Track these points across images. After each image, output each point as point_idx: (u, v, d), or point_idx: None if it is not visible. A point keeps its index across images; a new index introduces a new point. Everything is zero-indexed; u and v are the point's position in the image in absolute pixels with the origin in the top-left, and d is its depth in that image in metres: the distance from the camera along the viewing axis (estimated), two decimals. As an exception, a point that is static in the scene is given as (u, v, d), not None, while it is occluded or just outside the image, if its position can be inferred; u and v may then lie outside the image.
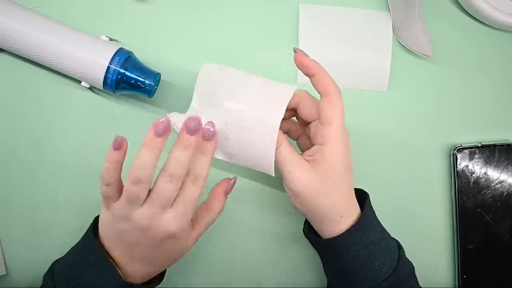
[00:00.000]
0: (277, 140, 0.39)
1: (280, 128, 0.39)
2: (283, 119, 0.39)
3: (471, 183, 0.53)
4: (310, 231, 0.44)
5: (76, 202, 0.51)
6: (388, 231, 0.54)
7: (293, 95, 0.40)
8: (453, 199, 0.53)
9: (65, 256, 0.42)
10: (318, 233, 0.43)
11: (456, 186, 0.52)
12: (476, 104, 0.55)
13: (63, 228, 0.51)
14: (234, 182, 0.42)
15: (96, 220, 0.42)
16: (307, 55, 0.41)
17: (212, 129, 0.37)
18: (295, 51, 0.41)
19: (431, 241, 0.54)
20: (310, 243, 0.45)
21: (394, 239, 0.44)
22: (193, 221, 0.41)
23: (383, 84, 0.53)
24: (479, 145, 0.53)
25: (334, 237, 0.40)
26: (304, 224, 0.46)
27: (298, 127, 0.46)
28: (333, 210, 0.40)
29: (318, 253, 0.45)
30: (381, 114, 0.54)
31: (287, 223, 0.52)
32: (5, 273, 0.50)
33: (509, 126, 0.55)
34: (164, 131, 0.35)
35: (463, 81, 0.55)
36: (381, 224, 0.44)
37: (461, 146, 0.53)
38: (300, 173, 0.39)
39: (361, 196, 0.44)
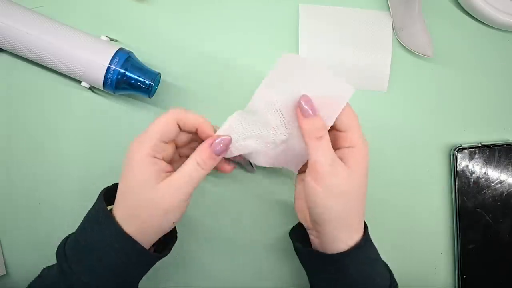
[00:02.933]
0: (324, 127, 0.38)
1: None
2: None
3: (471, 183, 0.53)
4: (305, 246, 0.42)
5: (76, 202, 0.51)
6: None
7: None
8: (453, 199, 0.53)
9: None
10: (318, 247, 0.41)
11: (456, 186, 0.53)
12: (476, 104, 0.55)
13: (63, 228, 0.50)
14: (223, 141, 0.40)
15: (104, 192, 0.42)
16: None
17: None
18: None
19: (431, 241, 0.54)
20: (305, 260, 0.43)
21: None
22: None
23: (383, 84, 0.53)
24: (479, 145, 0.53)
25: (347, 251, 0.38)
26: (294, 241, 0.44)
27: None
28: (353, 217, 0.38)
29: (312, 269, 0.42)
30: (381, 114, 0.54)
31: (288, 223, 0.52)
32: (5, 273, 0.50)
33: (509, 126, 0.55)
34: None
35: (463, 81, 0.55)
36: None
37: (461, 146, 0.53)
38: (340, 168, 0.37)
39: None
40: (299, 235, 0.43)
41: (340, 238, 0.38)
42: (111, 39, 0.49)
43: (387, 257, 0.53)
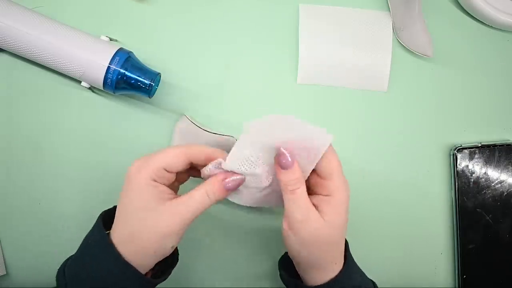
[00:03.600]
0: (299, 180, 0.38)
1: None
2: None
3: (471, 183, 0.53)
4: (290, 276, 0.43)
5: (76, 202, 0.51)
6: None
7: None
8: (453, 199, 0.53)
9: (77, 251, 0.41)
10: (301, 278, 0.42)
11: (456, 186, 0.52)
12: (476, 104, 0.55)
13: (63, 227, 0.51)
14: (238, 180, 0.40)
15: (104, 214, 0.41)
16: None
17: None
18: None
19: (431, 241, 0.54)
20: (289, 286, 0.43)
21: (371, 280, 0.44)
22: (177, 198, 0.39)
23: (383, 84, 0.53)
24: (479, 145, 0.53)
25: (324, 284, 0.39)
26: (280, 269, 0.45)
27: None
28: (332, 259, 0.40)
29: None
30: (381, 114, 0.54)
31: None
32: (5, 273, 0.50)
33: (509, 126, 0.55)
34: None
35: (463, 81, 0.55)
36: (359, 267, 0.43)
37: (461, 146, 0.53)
38: (313, 220, 0.38)
39: None
40: (288, 263, 0.44)
41: (315, 277, 0.40)
42: (111, 39, 0.49)
43: (387, 257, 0.54)
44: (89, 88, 0.49)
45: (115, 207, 0.40)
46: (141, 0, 0.51)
